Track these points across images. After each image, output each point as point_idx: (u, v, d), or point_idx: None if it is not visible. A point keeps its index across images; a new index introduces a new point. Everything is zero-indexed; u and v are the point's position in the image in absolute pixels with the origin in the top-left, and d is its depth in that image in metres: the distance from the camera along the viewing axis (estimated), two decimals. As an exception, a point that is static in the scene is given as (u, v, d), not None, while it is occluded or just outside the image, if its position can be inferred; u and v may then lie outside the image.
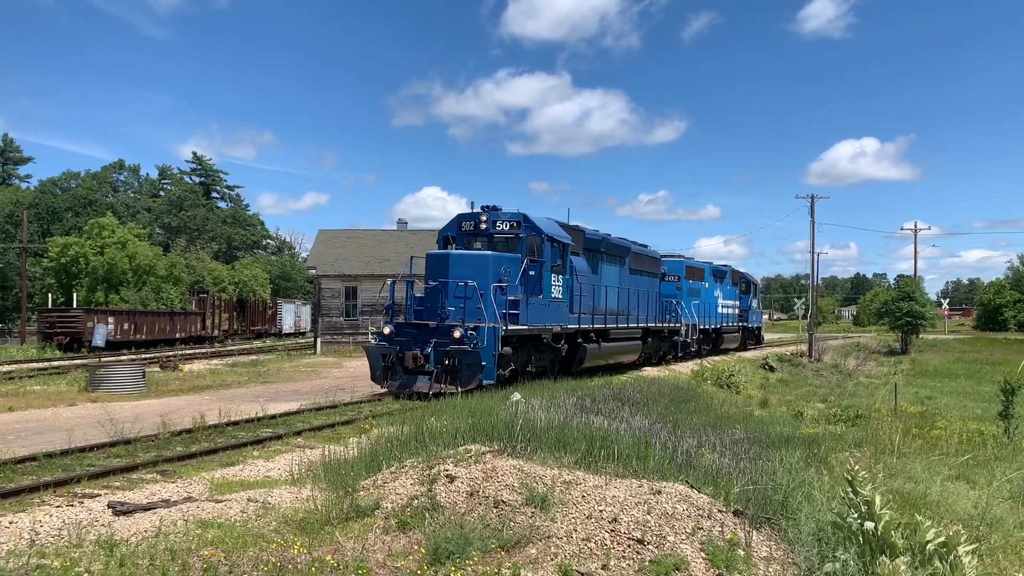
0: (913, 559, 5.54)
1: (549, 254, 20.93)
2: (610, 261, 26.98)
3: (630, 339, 27.72)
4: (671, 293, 33.89)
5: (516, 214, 20.81)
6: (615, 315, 26.15)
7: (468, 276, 18.61)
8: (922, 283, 66.54)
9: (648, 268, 30.88)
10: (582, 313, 23.16)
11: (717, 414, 16.75)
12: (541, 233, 20.64)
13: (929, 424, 18.78)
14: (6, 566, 5.70)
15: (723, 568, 6.04)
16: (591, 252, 25.28)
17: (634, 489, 7.25)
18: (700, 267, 38.14)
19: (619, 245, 27.85)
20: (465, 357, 17.75)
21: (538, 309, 20.40)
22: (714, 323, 38.83)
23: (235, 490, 8.77)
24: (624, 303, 27.22)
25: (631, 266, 28.68)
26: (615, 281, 26.97)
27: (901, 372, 42.29)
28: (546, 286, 20.89)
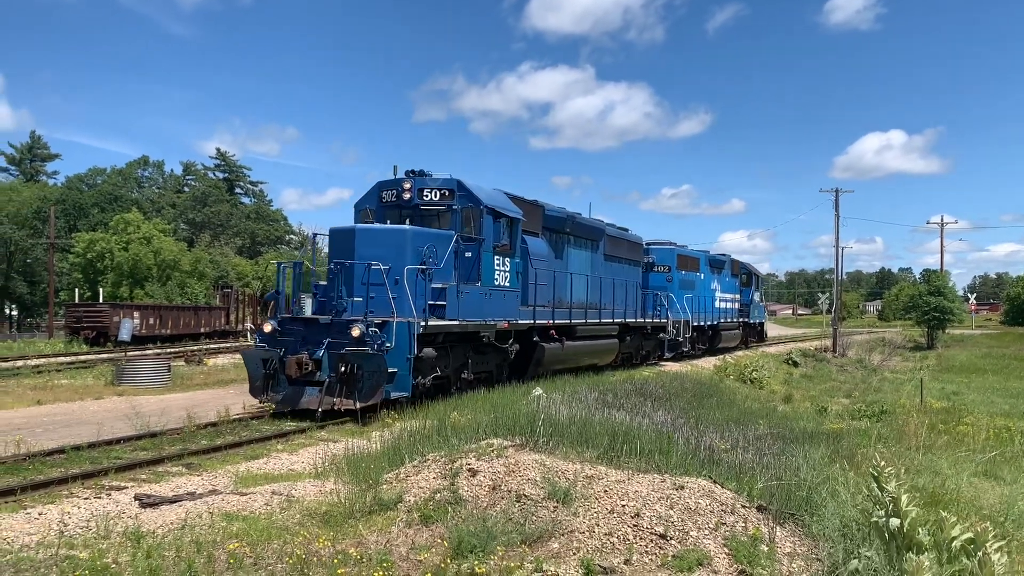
0: (939, 556, 5.49)
1: (491, 231, 17.06)
2: (579, 245, 23.24)
3: (603, 336, 23.92)
4: (660, 285, 30.61)
5: (448, 180, 16.94)
6: (585, 308, 22.48)
7: (379, 257, 14.70)
8: (949, 277, 65.65)
9: (628, 255, 27.26)
10: (539, 306, 19.34)
11: (740, 409, 16.66)
12: (479, 204, 16.77)
13: (955, 420, 18.59)
14: (36, 556, 5.79)
15: (746, 563, 6.01)
16: (554, 233, 21.56)
17: (657, 484, 7.23)
18: (694, 256, 34.53)
19: (590, 226, 24.03)
20: (366, 362, 13.79)
21: (475, 300, 16.48)
22: (710, 319, 35.20)
23: (259, 483, 8.85)
24: (596, 295, 23.56)
25: (607, 252, 25.04)
26: (586, 268, 23.28)
27: (927, 367, 41.81)
28: (486, 271, 17.00)
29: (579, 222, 22.96)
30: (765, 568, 5.95)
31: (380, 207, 17.30)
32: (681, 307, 30.69)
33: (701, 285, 33.91)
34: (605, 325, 23.81)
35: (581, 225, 23.16)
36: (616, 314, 24.76)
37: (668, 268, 31.47)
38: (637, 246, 28.53)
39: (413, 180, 17.00)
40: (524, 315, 18.64)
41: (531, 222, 19.59)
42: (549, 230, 21.04)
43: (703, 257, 35.34)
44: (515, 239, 18.27)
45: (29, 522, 7.05)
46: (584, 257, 23.42)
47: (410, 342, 14.19)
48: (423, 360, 14.85)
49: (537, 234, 20.13)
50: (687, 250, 33.96)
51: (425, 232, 15.93)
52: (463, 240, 16.49)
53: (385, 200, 17.26)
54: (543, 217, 20.67)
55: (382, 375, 13.70)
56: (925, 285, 65.71)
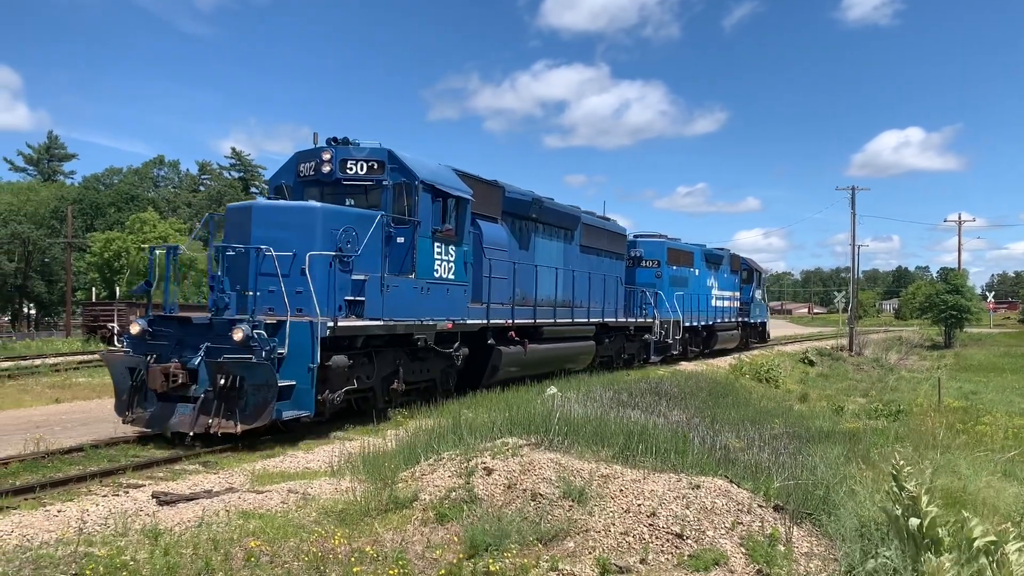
0: (959, 556, 5.45)
1: (430, 212, 14.20)
2: (549, 234, 20.40)
3: (576, 338, 21.20)
4: (648, 281, 28.07)
5: (377, 150, 14.08)
6: (554, 307, 19.85)
7: (281, 241, 11.95)
8: (967, 276, 65.18)
9: (610, 247, 24.55)
10: (496, 303, 16.74)
11: (756, 408, 16.59)
12: (414, 179, 13.84)
13: (974, 420, 18.44)
14: (56, 553, 5.84)
15: (763, 563, 5.98)
16: (518, 220, 18.79)
17: (673, 483, 7.21)
18: (688, 250, 31.63)
19: (562, 213, 21.10)
20: (250, 374, 10.90)
21: (407, 295, 13.62)
22: (705, 318, 32.33)
23: (275, 481, 8.88)
24: (569, 291, 20.90)
25: (583, 243, 22.40)
26: (557, 260, 20.54)
27: (944, 367, 41.53)
28: (423, 261, 14.10)
29: (548, 207, 20.14)
30: (782, 568, 5.92)
31: (298, 183, 14.54)
32: (671, 305, 28.14)
33: (695, 282, 31.39)
34: (579, 325, 21.17)
35: (551, 211, 20.35)
36: (593, 313, 22.10)
37: (657, 263, 28.98)
38: (620, 238, 26.00)
39: (334, 150, 14.11)
40: (475, 314, 16.01)
41: (486, 205, 16.96)
42: (511, 215, 18.42)
43: (697, 251, 32.58)
44: (462, 223, 15.38)
45: (48, 519, 7.10)
46: (555, 248, 20.77)
47: (312, 347, 11.37)
48: (332, 370, 12.00)
49: (496, 220, 17.53)
50: (679, 243, 31.37)
51: (341, 211, 13.16)
52: (394, 223, 13.65)
53: (303, 175, 14.47)
54: (502, 200, 17.96)
55: (270, 390, 10.82)
56: (942, 283, 65.27)
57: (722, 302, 34.91)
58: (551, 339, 19.32)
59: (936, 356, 50.68)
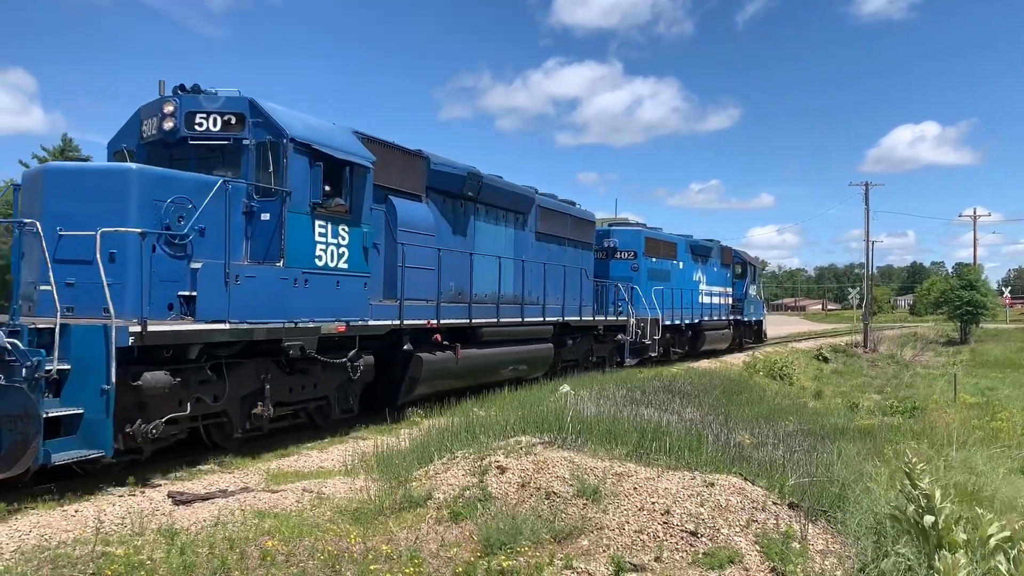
0: (974, 554, 5.42)
1: (306, 181, 10.90)
2: (494, 218, 17.29)
3: (528, 340, 17.77)
4: (624, 275, 25.15)
5: (234, 99, 10.89)
6: (496, 303, 16.71)
7: (82, 216, 9.02)
8: (982, 271, 64.80)
9: (575, 235, 21.42)
10: (415, 299, 13.53)
11: (770, 406, 16.54)
12: (282, 136, 10.67)
13: (990, 416, 18.32)
14: (73, 553, 5.89)
15: (778, 561, 5.97)
16: (450, 199, 15.62)
17: (687, 481, 7.21)
18: (670, 241, 28.72)
19: (511, 193, 17.90)
20: None
21: (271, 288, 10.35)
22: (691, 316, 29.17)
23: (290, 480, 8.93)
24: (519, 285, 17.74)
25: (539, 229, 19.28)
26: (504, 248, 17.51)
27: (960, 362, 41.25)
28: (297, 244, 10.79)
29: (492, 186, 16.88)
30: (797, 566, 5.90)
31: (141, 146, 11.21)
32: (649, 302, 25.17)
33: (679, 276, 28.65)
34: (531, 326, 17.89)
35: (495, 190, 17.09)
36: (550, 311, 18.92)
37: (633, 254, 25.97)
38: (587, 225, 22.74)
39: (179, 100, 10.84)
40: (383, 313, 12.81)
41: (404, 178, 13.87)
42: (441, 193, 15.26)
43: (682, 242, 29.62)
44: (359, 198, 12.10)
45: (66, 519, 7.16)
46: (502, 234, 17.62)
47: (106, 361, 8.16)
48: (145, 392, 8.82)
49: (419, 197, 14.40)
50: (660, 233, 28.44)
51: (168, 176, 9.91)
52: (257, 194, 10.62)
53: (146, 135, 11.15)
54: (427, 173, 14.65)
55: (30, 423, 7.44)
56: (958, 279, 64.87)
57: (711, 298, 32.10)
58: (493, 342, 16.20)
59: (952, 352, 50.37)
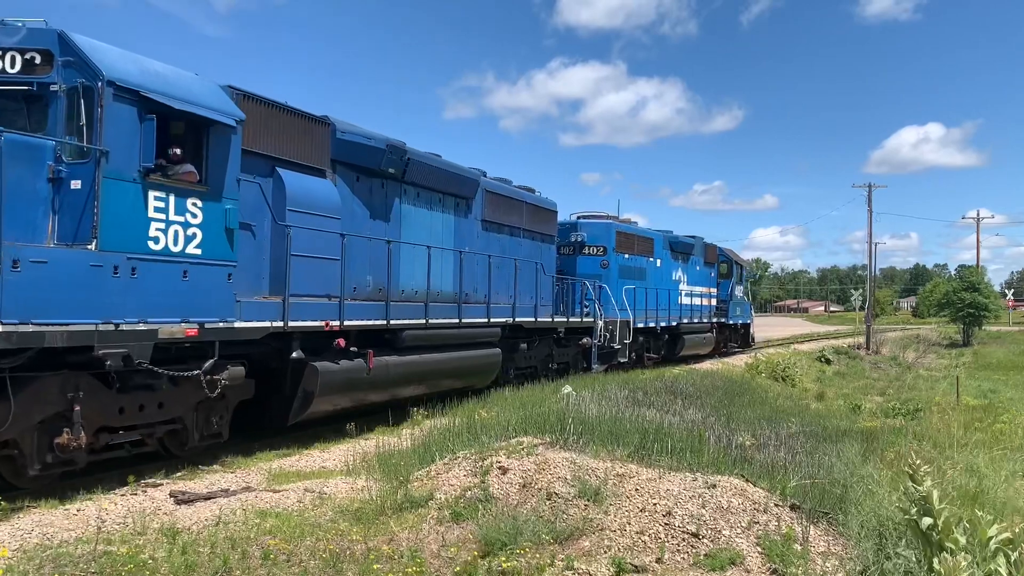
0: (974, 556, 5.41)
1: (134, 138, 8.45)
2: (427, 202, 14.91)
3: (469, 345, 15.21)
4: (592, 272, 23.08)
5: (40, 31, 8.38)
6: (434, 300, 14.43)
7: None
8: (985, 273, 64.75)
9: (532, 226, 19.08)
10: (310, 295, 11.14)
11: (772, 407, 16.52)
12: (97, 78, 8.18)
13: (992, 418, 18.29)
14: (75, 552, 5.90)
15: (779, 563, 5.96)
16: (369, 176, 13.24)
17: (688, 483, 7.20)
18: (645, 236, 26.41)
19: (449, 174, 15.53)
20: None
21: (76, 278, 7.90)
22: (667, 318, 26.75)
23: (292, 480, 8.94)
24: (459, 280, 15.42)
25: (487, 217, 17.09)
26: (440, 238, 15.18)
27: (963, 365, 41.18)
28: (121, 220, 8.35)
29: (423, 163, 14.38)
30: (798, 567, 5.90)
31: None
32: (620, 302, 22.97)
33: (655, 274, 26.51)
34: (474, 328, 15.35)
35: (428, 169, 14.64)
36: (499, 311, 16.45)
37: (603, 249, 23.76)
38: (548, 215, 20.33)
39: None
40: (261, 311, 10.24)
41: (298, 147, 11.43)
42: (354, 169, 12.84)
43: (659, 238, 27.39)
44: (221, 165, 9.54)
45: (68, 518, 7.17)
46: (438, 221, 15.29)
47: None
48: None
49: (322, 172, 12.08)
50: (635, 227, 26.35)
51: None
52: (68, 155, 8.24)
53: None
54: (331, 143, 12.27)
55: None
56: (960, 281, 64.81)
57: (693, 299, 29.78)
58: (421, 348, 13.70)
59: (954, 354, 50.29)
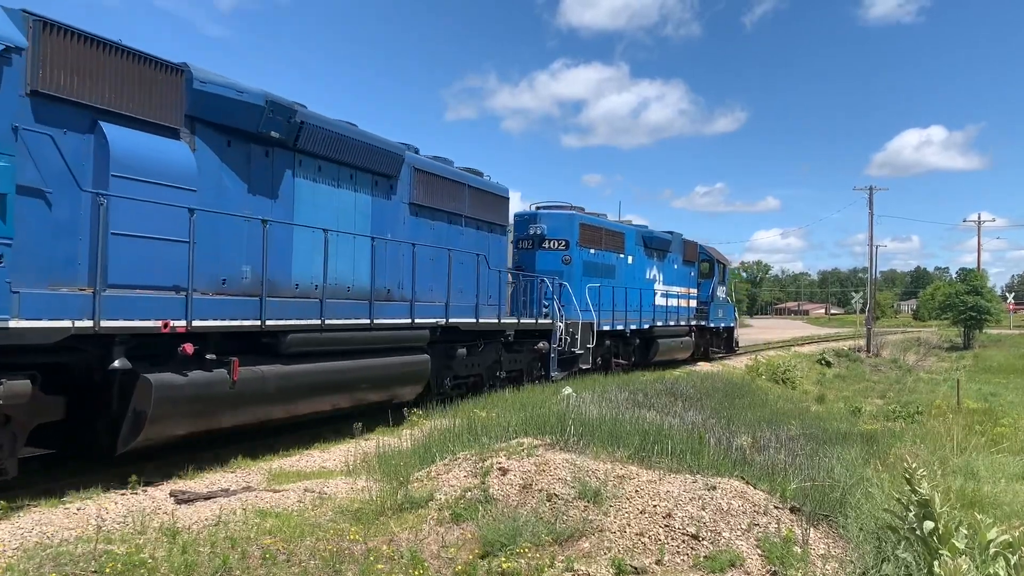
0: (974, 559, 5.41)
1: None
2: (332, 178, 12.28)
3: (386, 351, 12.57)
4: (552, 268, 20.44)
5: None
6: (340, 296, 11.99)
7: None
8: (986, 276, 64.71)
9: (474, 212, 16.42)
10: (143, 288, 8.71)
11: (772, 409, 16.54)
12: None
13: (993, 421, 18.28)
14: (75, 550, 5.90)
15: (779, 565, 5.96)
16: (246, 142, 10.74)
17: (688, 484, 7.20)
18: (614, 229, 23.83)
19: (361, 144, 12.72)
20: None
21: None
22: (639, 320, 24.20)
23: (292, 480, 8.94)
24: (377, 272, 12.72)
25: (417, 200, 14.36)
26: (352, 221, 12.65)
27: (963, 368, 41.18)
28: None
29: (323, 129, 11.75)
30: (798, 570, 5.90)
31: None
32: (582, 302, 20.63)
33: (626, 272, 24.12)
34: (392, 330, 12.74)
35: (332, 137, 11.97)
36: (428, 310, 13.87)
37: (565, 243, 21.11)
38: (496, 201, 17.51)
39: None
40: (55, 307, 7.78)
41: (132, 96, 9.05)
42: (224, 131, 10.32)
43: (631, 232, 24.82)
44: None
45: (68, 517, 7.17)
46: (348, 201, 12.65)
47: None
48: None
49: (173, 131, 9.61)
50: (602, 220, 23.52)
51: None
52: None
53: None
54: (188, 95, 9.75)
55: None
56: (962, 284, 64.79)
57: (668, 300, 27.21)
58: (316, 354, 11.12)
59: (955, 357, 50.29)
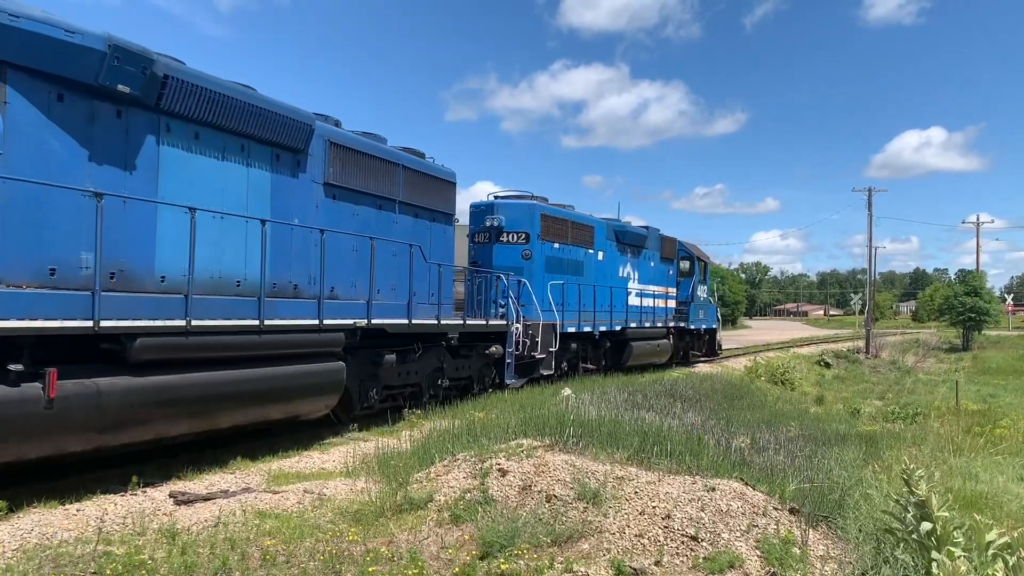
0: (973, 561, 5.41)
1: None
2: (216, 148, 10.21)
3: (282, 358, 10.62)
4: (511, 263, 18.46)
5: None
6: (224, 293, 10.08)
7: None
8: (985, 278, 64.77)
9: (410, 198, 14.21)
10: None
11: (771, 411, 16.54)
12: None
13: (992, 423, 18.30)
14: (75, 551, 5.90)
15: (778, 566, 5.97)
16: (93, 96, 8.55)
17: (688, 486, 7.21)
18: (582, 222, 21.76)
19: (258, 111, 10.71)
20: None
21: None
22: (610, 321, 22.17)
23: (291, 481, 8.94)
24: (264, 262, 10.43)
25: (333, 179, 12.21)
26: (246, 202, 10.67)
27: (962, 369, 41.21)
28: None
29: (196, 86, 9.71)
30: (797, 571, 5.91)
31: None
32: (543, 301, 18.66)
33: (596, 269, 22.24)
34: (290, 332, 10.68)
35: (210, 98, 9.90)
36: (344, 309, 11.88)
37: (525, 237, 19.08)
38: (439, 185, 15.34)
39: None
40: None
41: None
42: (51, 80, 8.14)
43: (601, 226, 22.82)
44: None
45: (67, 518, 7.17)
46: (237, 178, 10.55)
47: None
48: None
49: None
50: (568, 211, 21.30)
51: None
52: None
53: None
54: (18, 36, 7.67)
55: None
56: (961, 285, 64.85)
57: (644, 300, 25.21)
58: (180, 363, 9.02)
59: (954, 359, 50.34)
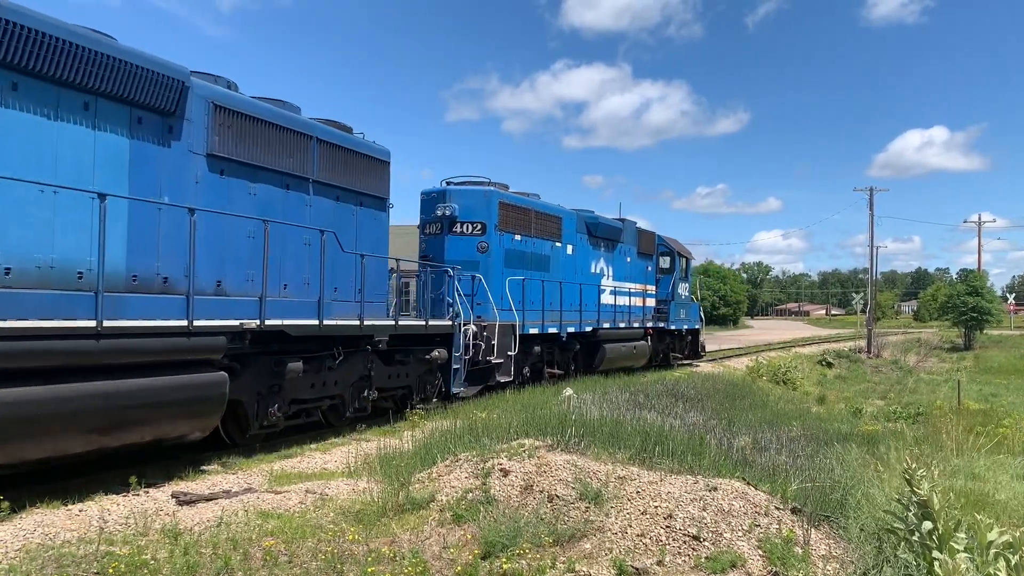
0: (974, 560, 5.42)
1: None
2: (41, 101, 7.80)
3: (136, 368, 8.29)
4: (464, 258, 16.69)
5: None
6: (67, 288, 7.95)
7: None
8: (987, 277, 64.81)
9: (329, 177, 12.18)
10: None
11: (773, 410, 16.54)
12: None
13: (994, 422, 18.28)
14: (77, 552, 5.91)
15: (780, 566, 5.97)
16: None
17: (689, 485, 7.21)
18: (548, 212, 19.70)
19: (105, 59, 8.32)
20: None
21: None
22: (580, 322, 20.27)
23: (293, 482, 8.94)
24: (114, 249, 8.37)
25: (218, 150, 10.13)
26: (92, 171, 8.33)
27: (964, 369, 41.19)
28: None
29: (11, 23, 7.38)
30: (799, 570, 5.91)
31: None
32: (501, 299, 16.93)
33: (565, 264, 20.30)
34: (145, 336, 8.44)
35: (32, 37, 7.58)
36: (233, 308, 10.00)
37: (481, 227, 17.16)
38: (367, 164, 13.22)
39: None
40: None
41: None
42: None
43: (571, 217, 20.81)
44: None
45: (70, 518, 7.18)
46: (83, 143, 8.36)
47: None
48: None
49: None
50: (531, 200, 19.24)
51: None
52: None
53: None
54: None
55: None
56: (962, 285, 64.81)
57: (619, 298, 23.30)
58: None
59: (956, 358, 50.30)
